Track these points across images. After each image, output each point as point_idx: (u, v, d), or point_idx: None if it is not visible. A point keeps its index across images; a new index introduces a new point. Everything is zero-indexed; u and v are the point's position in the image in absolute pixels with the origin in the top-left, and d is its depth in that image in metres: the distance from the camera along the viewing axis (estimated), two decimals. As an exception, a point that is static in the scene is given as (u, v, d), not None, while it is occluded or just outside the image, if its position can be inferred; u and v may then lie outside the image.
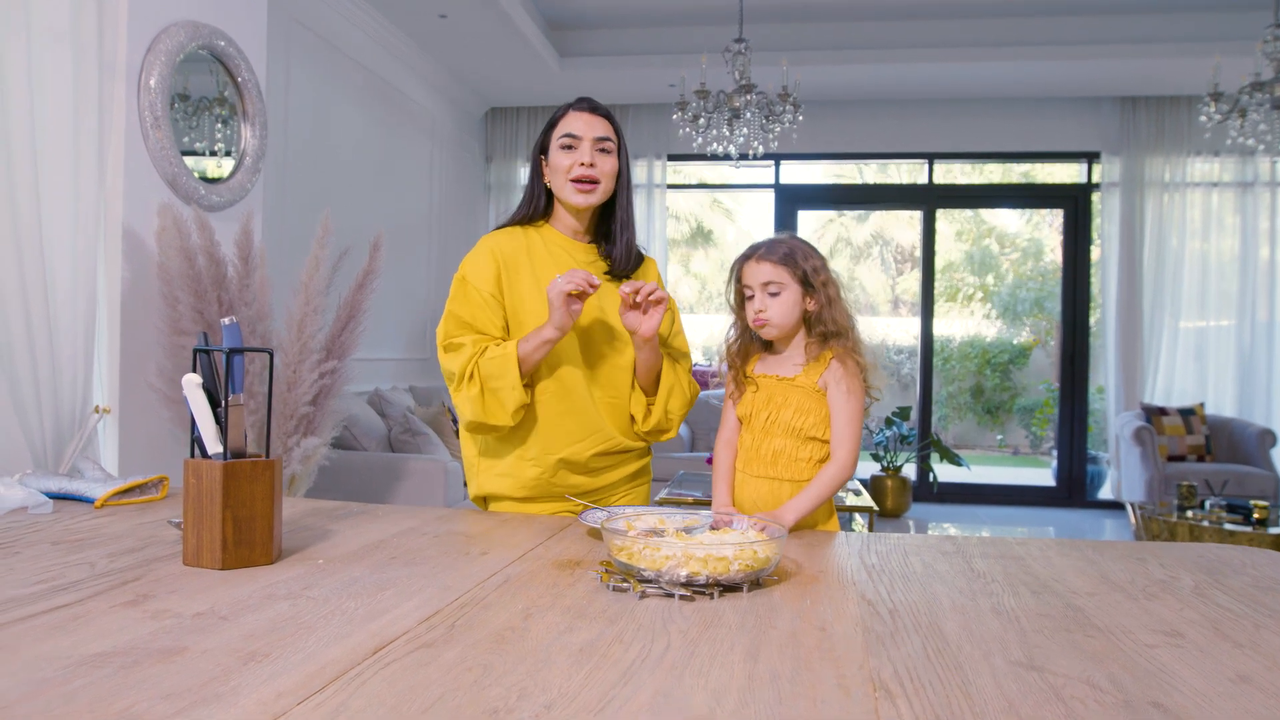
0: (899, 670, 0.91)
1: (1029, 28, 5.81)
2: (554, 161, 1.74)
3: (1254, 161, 6.39)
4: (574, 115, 1.74)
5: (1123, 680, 0.90)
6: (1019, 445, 12.21)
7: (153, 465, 2.62)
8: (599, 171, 1.72)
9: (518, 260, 1.74)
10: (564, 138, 1.72)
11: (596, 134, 1.72)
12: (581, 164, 1.71)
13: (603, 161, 1.73)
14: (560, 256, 1.77)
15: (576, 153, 1.71)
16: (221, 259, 2.49)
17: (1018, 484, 7.64)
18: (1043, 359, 12.71)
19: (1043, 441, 11.99)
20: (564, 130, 1.73)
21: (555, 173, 1.74)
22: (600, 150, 1.72)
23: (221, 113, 3.31)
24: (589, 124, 1.73)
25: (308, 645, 0.92)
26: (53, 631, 0.94)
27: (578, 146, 1.72)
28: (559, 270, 1.74)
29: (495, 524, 1.62)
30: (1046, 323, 12.52)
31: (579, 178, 1.71)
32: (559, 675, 0.86)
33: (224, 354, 1.22)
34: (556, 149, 1.73)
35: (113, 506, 1.66)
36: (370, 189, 5.22)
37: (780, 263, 1.65)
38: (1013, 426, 12.26)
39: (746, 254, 1.70)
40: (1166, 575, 1.35)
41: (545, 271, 1.75)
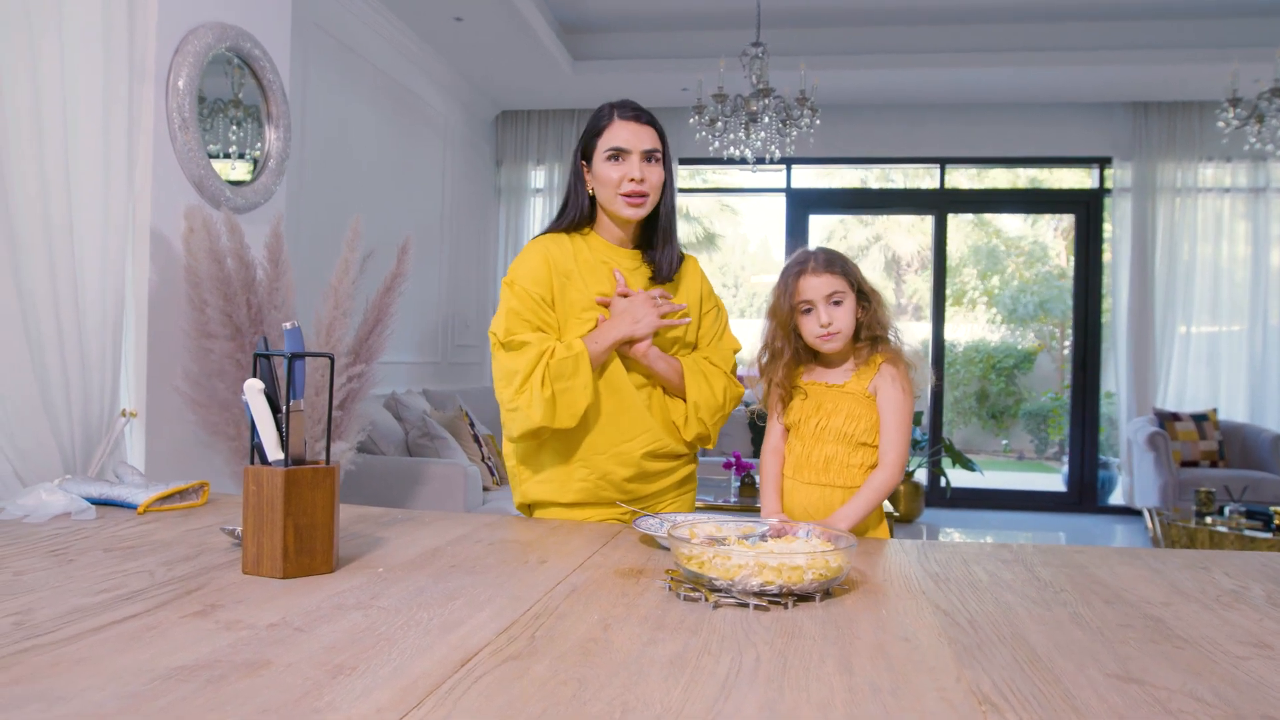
0: (997, 683, 0.89)
1: (1041, 33, 5.81)
2: (600, 172, 1.71)
3: (1265, 167, 6.39)
4: (620, 125, 1.70)
5: (1226, 693, 0.88)
6: (1024, 450, 12.20)
7: (178, 469, 2.60)
8: (648, 185, 1.70)
9: (568, 267, 1.73)
10: (611, 150, 1.69)
11: (644, 146, 1.69)
12: (631, 179, 1.68)
13: (651, 173, 1.70)
14: (608, 262, 1.75)
15: (625, 166, 1.68)
16: (251, 262, 2.47)
17: (1028, 489, 7.63)
18: (1048, 364, 12.71)
19: (1048, 447, 11.98)
20: (611, 143, 1.69)
21: (602, 184, 1.71)
22: (649, 161, 1.70)
23: (237, 114, 3.30)
24: (637, 135, 1.69)
25: (392, 658, 0.90)
26: (130, 643, 0.92)
27: (626, 159, 1.68)
28: (605, 278, 1.73)
29: (545, 531, 1.60)
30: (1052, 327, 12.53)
31: (629, 192, 1.69)
32: (656, 689, 0.84)
33: (286, 359, 1.20)
34: (603, 160, 1.70)
35: (154, 512, 1.63)
36: (384, 192, 5.20)
37: (838, 273, 1.63)
38: (1018, 431, 12.25)
39: (798, 269, 1.66)
40: (1236, 585, 1.33)
41: (592, 279, 1.73)
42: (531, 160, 7.20)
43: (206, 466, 2.69)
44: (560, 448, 1.73)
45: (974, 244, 12.87)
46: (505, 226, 7.24)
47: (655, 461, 1.76)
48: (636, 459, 1.73)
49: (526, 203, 7.27)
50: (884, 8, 5.74)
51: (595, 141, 1.72)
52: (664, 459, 1.77)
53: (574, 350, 1.63)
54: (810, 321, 1.66)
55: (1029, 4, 5.60)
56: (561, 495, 1.74)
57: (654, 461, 1.75)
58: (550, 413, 1.63)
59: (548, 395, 1.61)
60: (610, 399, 1.71)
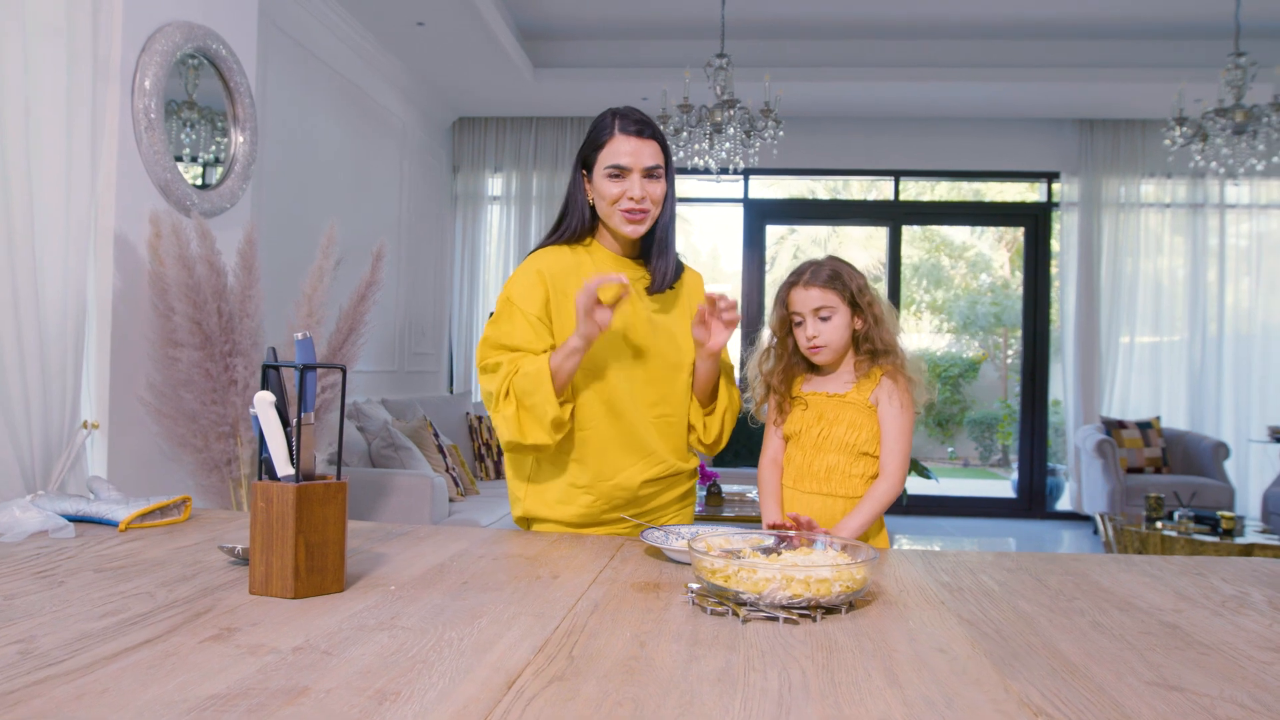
0: (1045, 693, 0.89)
1: (994, 50, 5.95)
2: (600, 187, 1.68)
3: (1203, 184, 6.63)
4: (622, 140, 1.66)
5: (1264, 699, 0.89)
6: (969, 457, 12.46)
7: (141, 483, 2.50)
8: (649, 202, 1.67)
9: (566, 281, 1.69)
10: (611, 167, 1.65)
11: (646, 164, 1.65)
12: (631, 197, 1.65)
13: (652, 189, 1.67)
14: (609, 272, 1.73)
15: (625, 183, 1.65)
16: (222, 268, 2.39)
17: (980, 496, 7.78)
18: (992, 372, 13.01)
19: (992, 454, 12.26)
20: (611, 160, 1.65)
21: (601, 198, 1.68)
22: (649, 177, 1.67)
23: (191, 116, 3.20)
24: (638, 152, 1.65)
25: (434, 681, 0.87)
26: (151, 671, 0.87)
27: (627, 177, 1.65)
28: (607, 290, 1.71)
29: (547, 545, 1.57)
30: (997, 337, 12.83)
31: (629, 210, 1.66)
32: (715, 709, 0.82)
33: (298, 370, 1.16)
34: (603, 176, 1.67)
35: (136, 529, 1.56)
36: (342, 197, 5.10)
37: (828, 286, 1.64)
38: (963, 439, 12.51)
39: (792, 280, 1.68)
40: (1236, 591, 1.36)
41: None
42: (489, 168, 7.14)
43: (170, 480, 2.59)
44: (564, 472, 1.71)
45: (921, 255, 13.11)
46: (462, 234, 7.16)
47: (654, 486, 1.75)
48: (635, 487, 1.71)
49: (483, 210, 7.20)
50: (843, 22, 5.82)
51: (596, 155, 1.68)
52: (664, 480, 1.76)
53: (536, 365, 1.61)
54: (800, 334, 1.67)
55: (984, 22, 5.74)
56: (565, 515, 1.73)
57: (653, 486, 1.74)
58: (518, 428, 1.62)
59: (511, 412, 1.62)
60: (613, 424, 1.69)
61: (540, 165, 7.04)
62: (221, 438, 2.43)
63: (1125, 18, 5.60)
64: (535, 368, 1.60)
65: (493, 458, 5.33)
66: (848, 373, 1.70)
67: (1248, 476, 6.52)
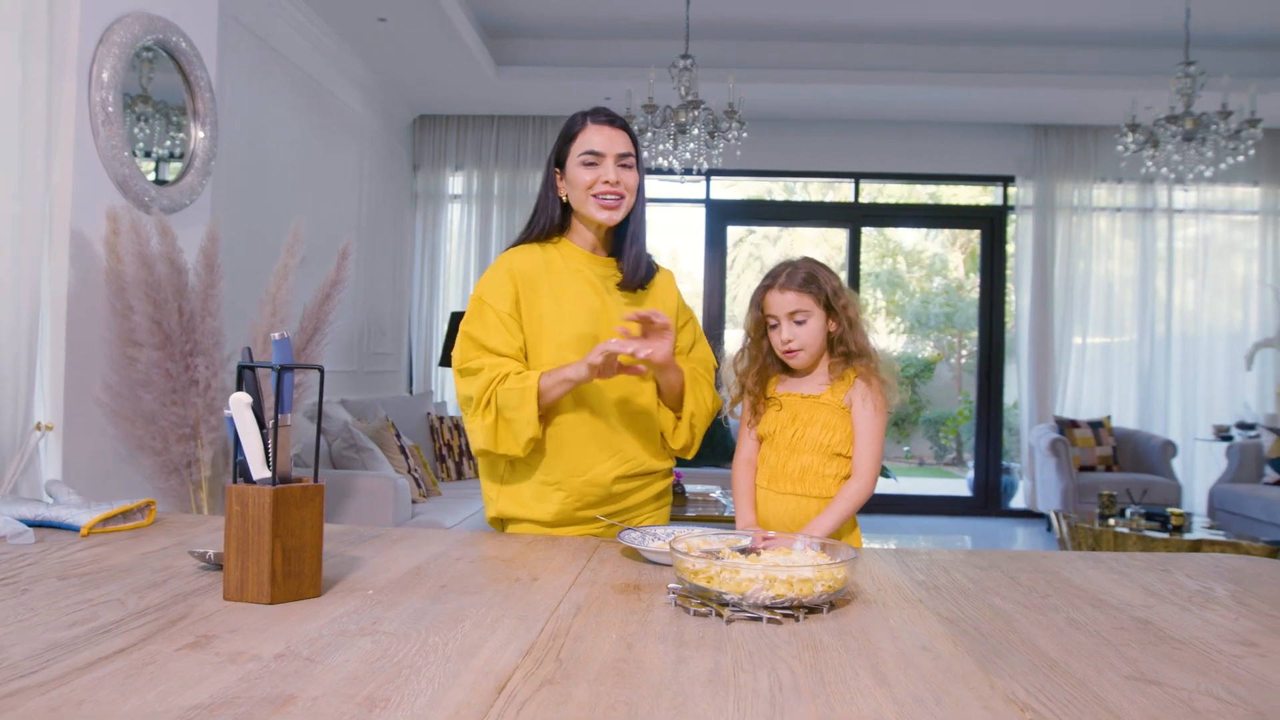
0: (1030, 689, 0.91)
1: (952, 55, 6.05)
2: (574, 176, 1.69)
3: (1152, 189, 6.81)
4: (594, 130, 1.69)
5: (1239, 692, 0.92)
6: (924, 456, 12.65)
7: (98, 486, 2.43)
8: (623, 187, 1.69)
9: (536, 279, 1.70)
10: (586, 154, 1.67)
11: (619, 150, 1.68)
12: (606, 181, 1.67)
13: (626, 177, 1.69)
14: (580, 271, 1.72)
15: (599, 169, 1.67)
16: (183, 266, 2.34)
17: (936, 494, 7.90)
18: (946, 373, 13.23)
19: (947, 452, 12.46)
20: (585, 146, 1.68)
21: (575, 188, 1.70)
22: (623, 165, 1.69)
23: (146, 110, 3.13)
24: (611, 139, 1.69)
25: (423, 687, 0.86)
26: (129, 681, 0.85)
27: (600, 163, 1.67)
28: (578, 286, 1.70)
29: (523, 547, 1.56)
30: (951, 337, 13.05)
31: (603, 193, 1.67)
32: (709, 710, 0.82)
33: (275, 371, 1.13)
34: (577, 165, 1.68)
35: (99, 534, 1.52)
36: (300, 195, 5.01)
37: (803, 290, 1.65)
38: (918, 438, 12.70)
39: (767, 282, 1.69)
40: (1200, 586, 1.40)
41: (564, 288, 1.70)
42: (450, 166, 7.07)
43: (128, 483, 2.53)
44: (536, 470, 1.71)
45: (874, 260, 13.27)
46: (422, 233, 7.09)
47: (628, 483, 1.74)
48: (608, 483, 1.71)
49: (444, 209, 7.13)
50: (805, 25, 5.87)
51: (569, 147, 1.71)
52: (638, 478, 1.76)
53: (525, 383, 1.61)
54: (775, 336, 1.69)
55: (942, 27, 5.82)
56: (540, 514, 1.72)
57: (626, 484, 1.74)
58: (493, 439, 1.64)
59: (490, 422, 1.62)
60: (585, 423, 1.69)
61: (502, 164, 7.00)
62: (182, 439, 2.37)
63: (1079, 26, 5.73)
64: (523, 385, 1.60)
65: (454, 458, 5.29)
66: (822, 374, 1.71)
67: (1194, 474, 6.71)
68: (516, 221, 6.97)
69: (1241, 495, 5.73)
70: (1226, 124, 4.53)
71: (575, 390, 1.67)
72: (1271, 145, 6.49)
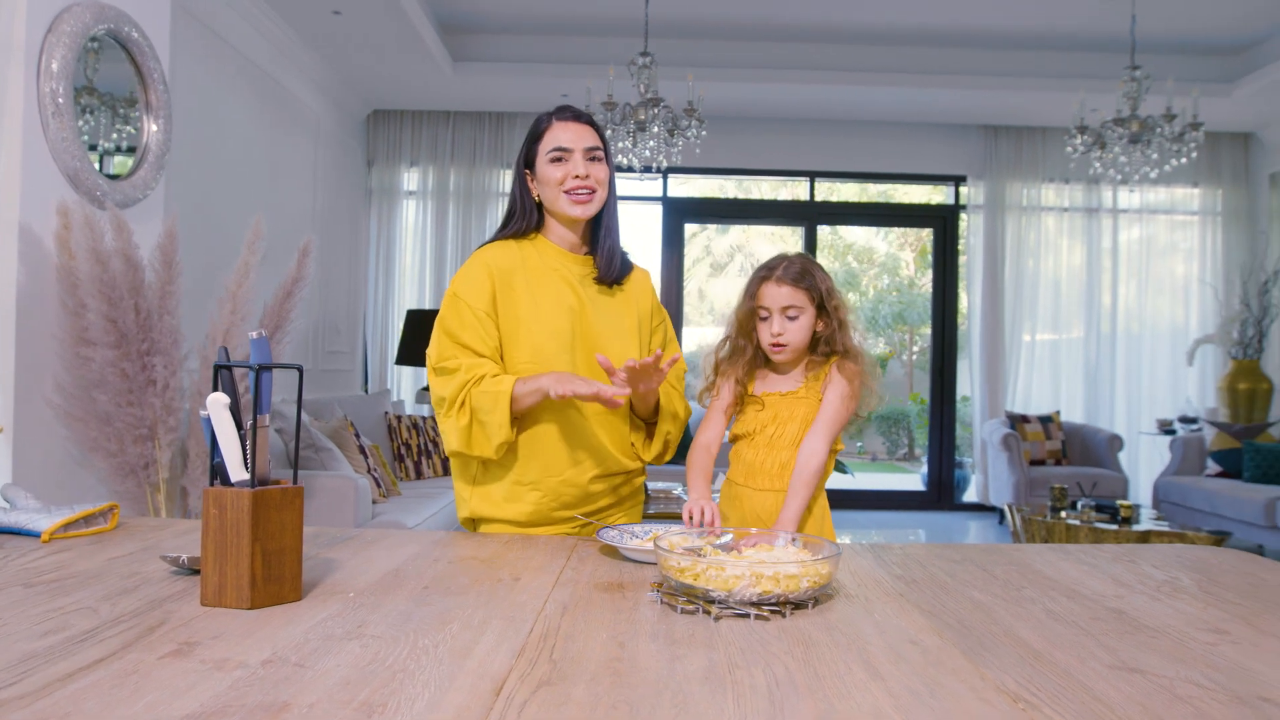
0: (1018, 680, 0.92)
1: (907, 56, 6.14)
2: (544, 174, 1.69)
3: (1098, 190, 6.99)
4: (560, 126, 1.69)
5: (1216, 678, 0.95)
6: (877, 452, 12.84)
7: (50, 490, 2.35)
8: (594, 180, 1.68)
9: (513, 276, 1.69)
10: (554, 151, 1.67)
11: (586, 144, 1.68)
12: (576, 176, 1.66)
13: (596, 170, 1.69)
14: (557, 269, 1.71)
15: (568, 164, 1.67)
16: (140, 262, 2.27)
17: (891, 489, 8.02)
18: (897, 369, 13.43)
19: (898, 448, 12.66)
20: (553, 144, 1.68)
21: (546, 185, 1.69)
22: (591, 159, 1.68)
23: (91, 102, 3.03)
24: (578, 134, 1.69)
25: (419, 691, 0.85)
26: (113, 692, 0.82)
27: (569, 159, 1.67)
28: (555, 284, 1.69)
29: (500, 547, 1.55)
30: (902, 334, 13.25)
31: (574, 188, 1.66)
32: (709, 708, 0.82)
33: (253, 371, 1.11)
34: (546, 163, 1.68)
35: (60, 540, 1.47)
36: (254, 190, 4.91)
37: (799, 285, 1.65)
38: (870, 434, 12.88)
39: (763, 274, 1.69)
40: (1167, 576, 1.44)
41: (541, 285, 1.69)
42: (405, 162, 6.98)
43: (81, 486, 2.45)
44: (509, 471, 1.70)
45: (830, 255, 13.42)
46: (377, 229, 6.99)
47: (603, 483, 1.74)
48: (584, 484, 1.71)
49: (399, 205, 7.04)
50: (762, 24, 5.91)
51: (536, 146, 1.70)
52: (613, 477, 1.75)
53: (499, 386, 1.59)
54: (764, 329, 1.69)
55: (898, 29, 5.90)
56: (513, 514, 1.71)
57: (601, 483, 1.74)
58: (466, 441, 1.63)
59: (464, 424, 1.62)
60: (556, 422, 1.68)
61: (458, 160, 6.93)
62: (138, 440, 2.30)
63: (1029, 31, 5.85)
64: (497, 389, 1.59)
65: (413, 458, 5.22)
66: (800, 372, 1.72)
67: (1138, 467, 6.91)
68: (473, 218, 6.91)
69: (1185, 487, 5.91)
70: (1171, 127, 4.66)
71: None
72: (1209, 148, 6.70)
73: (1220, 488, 5.59)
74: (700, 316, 12.88)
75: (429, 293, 6.94)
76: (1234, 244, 6.98)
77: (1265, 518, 5.11)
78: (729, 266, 13.34)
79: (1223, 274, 6.94)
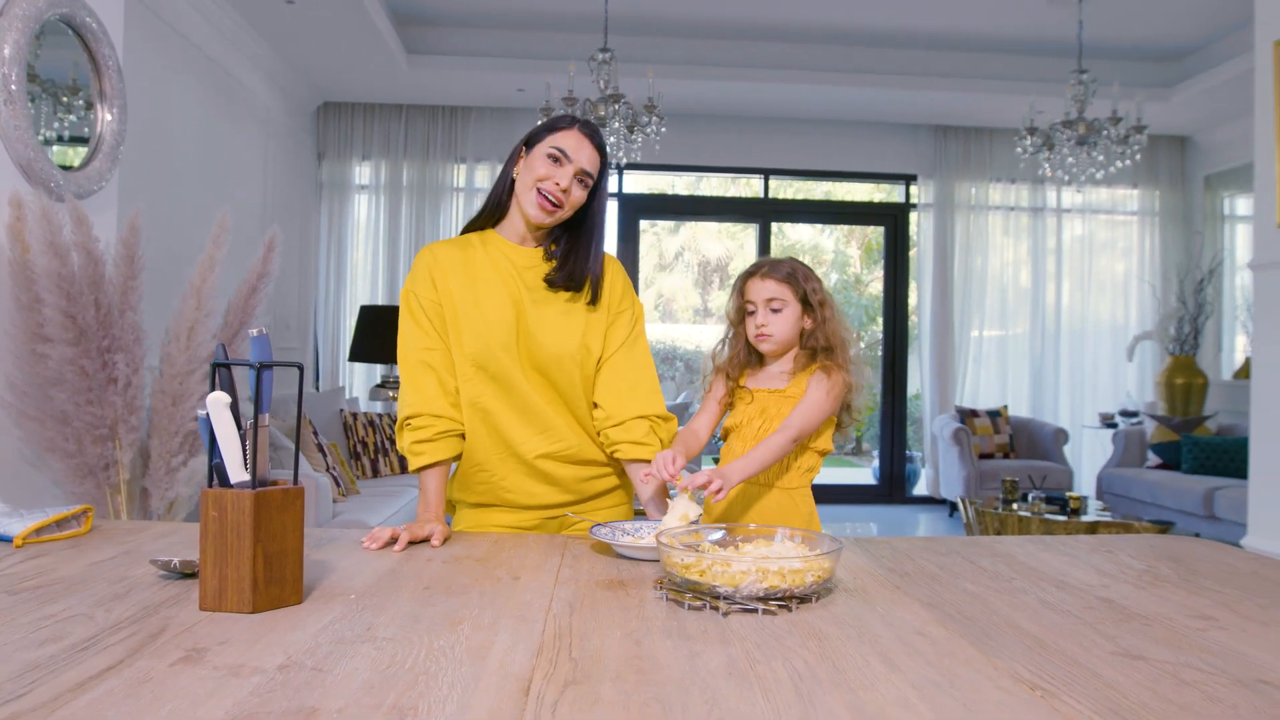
0: (1030, 669, 0.95)
1: (860, 56, 6.23)
2: (533, 163, 1.66)
3: (1043, 190, 7.18)
4: (574, 136, 1.67)
5: (1214, 662, 0.98)
6: (826, 446, 13.00)
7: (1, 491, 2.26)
8: (568, 200, 1.66)
9: (453, 273, 1.70)
10: (554, 149, 1.65)
11: (583, 165, 1.66)
12: (556, 183, 1.64)
13: (576, 192, 1.67)
14: (499, 263, 1.70)
15: (557, 170, 1.65)
16: (100, 256, 2.19)
17: (843, 483, 8.15)
18: (846, 365, 13.62)
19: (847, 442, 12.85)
20: (558, 143, 1.66)
21: (528, 173, 1.67)
22: (579, 181, 1.67)
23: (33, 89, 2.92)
24: (583, 152, 1.66)
25: (445, 693, 0.84)
26: (130, 701, 0.79)
27: (561, 165, 1.65)
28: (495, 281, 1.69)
29: (492, 546, 1.53)
30: (851, 331, 13.43)
31: (548, 191, 1.64)
32: (740, 703, 0.83)
33: (254, 369, 1.08)
34: (541, 154, 1.66)
35: (33, 544, 1.42)
36: (202, 182, 4.77)
37: (784, 281, 1.69)
38: (819, 429, 13.03)
39: (751, 271, 1.74)
40: (1145, 565, 1.49)
41: (482, 280, 1.69)
42: (357, 156, 6.86)
43: (35, 488, 2.37)
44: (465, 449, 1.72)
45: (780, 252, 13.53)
46: (328, 224, 6.86)
47: (560, 466, 1.71)
48: (531, 463, 1.69)
49: (350, 199, 6.92)
50: (718, 22, 5.93)
51: (544, 135, 1.69)
52: (571, 464, 1.72)
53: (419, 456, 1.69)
54: (750, 322, 1.72)
55: (853, 30, 5.98)
56: (468, 495, 1.76)
57: (558, 466, 1.70)
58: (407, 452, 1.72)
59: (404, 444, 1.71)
60: (502, 399, 1.68)
61: (411, 154, 6.83)
62: (98, 441, 2.23)
63: (979, 34, 5.98)
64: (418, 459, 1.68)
65: (369, 456, 5.14)
66: (787, 368, 1.74)
67: (1081, 459, 7.13)
68: (426, 213, 6.82)
69: (1127, 479, 6.11)
70: (1117, 129, 4.81)
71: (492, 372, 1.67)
72: (1148, 151, 6.92)
73: (1161, 479, 5.79)
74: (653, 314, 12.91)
75: (382, 288, 6.83)
76: (1171, 243, 7.23)
77: (1204, 507, 5.31)
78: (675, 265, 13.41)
79: (1160, 272, 7.19)
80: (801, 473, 1.72)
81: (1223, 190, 6.96)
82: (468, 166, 6.83)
